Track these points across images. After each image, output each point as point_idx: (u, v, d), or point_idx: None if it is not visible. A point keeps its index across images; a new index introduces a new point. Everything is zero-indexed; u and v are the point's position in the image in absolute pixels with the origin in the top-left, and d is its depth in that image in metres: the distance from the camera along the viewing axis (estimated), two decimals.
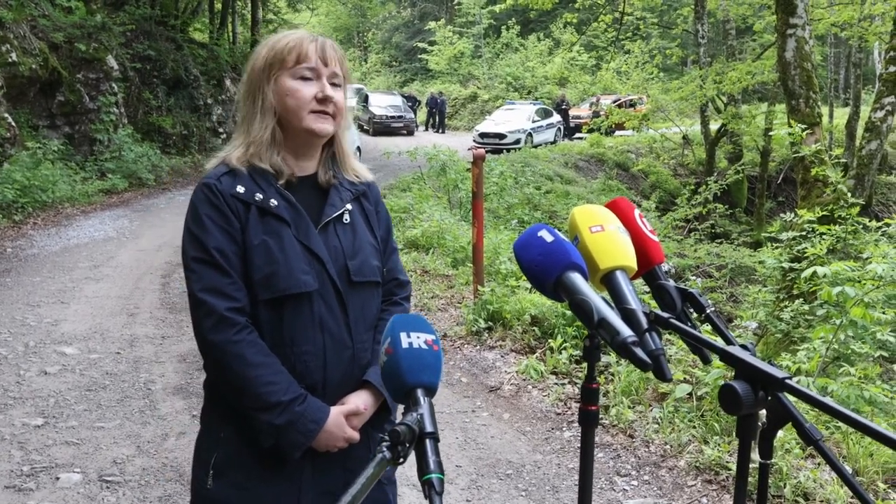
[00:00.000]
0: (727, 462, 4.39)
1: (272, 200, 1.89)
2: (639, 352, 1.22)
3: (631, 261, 1.45)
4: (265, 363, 1.83)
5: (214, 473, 1.90)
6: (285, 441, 1.83)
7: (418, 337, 1.38)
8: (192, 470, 2.00)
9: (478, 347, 6.68)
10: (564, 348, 6.16)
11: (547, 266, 1.40)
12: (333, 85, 1.95)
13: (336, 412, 1.89)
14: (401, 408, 1.33)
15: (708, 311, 1.45)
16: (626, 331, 1.25)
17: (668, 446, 4.72)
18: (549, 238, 1.43)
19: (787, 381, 1.12)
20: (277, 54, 1.93)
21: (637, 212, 1.56)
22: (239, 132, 1.98)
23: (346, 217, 2.00)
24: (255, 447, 1.86)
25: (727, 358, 1.20)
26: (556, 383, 5.77)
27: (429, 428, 1.23)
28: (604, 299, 1.34)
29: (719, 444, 4.55)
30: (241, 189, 1.88)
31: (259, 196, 1.88)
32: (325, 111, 1.93)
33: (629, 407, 5.17)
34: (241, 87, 2.00)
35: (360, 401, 1.94)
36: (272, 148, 1.93)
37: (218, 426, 1.94)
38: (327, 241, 1.94)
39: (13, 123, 13.23)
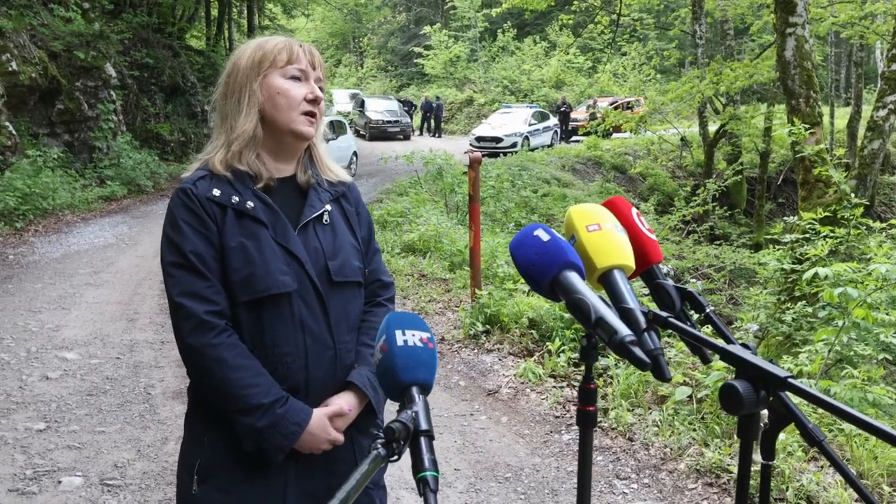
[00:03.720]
0: (728, 465, 4.36)
1: (248, 202, 1.88)
2: (637, 351, 1.20)
3: (628, 259, 1.43)
4: (245, 366, 1.81)
5: (199, 478, 1.88)
6: (267, 444, 1.81)
7: (413, 335, 1.38)
8: (177, 475, 1.97)
9: (475, 351, 6.66)
10: (562, 351, 6.14)
11: (543, 265, 1.38)
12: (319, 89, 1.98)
13: (319, 414, 1.88)
14: (391, 407, 1.32)
15: (708, 311, 1.43)
16: (624, 330, 1.23)
17: (667, 449, 4.70)
18: (545, 237, 1.41)
19: (790, 380, 1.10)
20: (267, 53, 1.93)
21: (634, 210, 1.54)
22: (219, 132, 1.96)
23: (326, 217, 1.98)
24: (239, 451, 1.84)
25: (728, 357, 1.18)
26: (554, 386, 5.75)
27: (423, 426, 1.22)
28: (601, 298, 1.32)
29: (720, 447, 4.52)
30: (216, 192, 1.87)
31: (235, 199, 1.87)
32: (313, 112, 1.94)
33: (628, 410, 5.15)
34: (220, 88, 1.98)
35: (344, 402, 1.92)
36: (252, 146, 1.92)
37: (201, 430, 1.92)
38: (307, 241, 1.92)
39: (14, 132, 13.27)
